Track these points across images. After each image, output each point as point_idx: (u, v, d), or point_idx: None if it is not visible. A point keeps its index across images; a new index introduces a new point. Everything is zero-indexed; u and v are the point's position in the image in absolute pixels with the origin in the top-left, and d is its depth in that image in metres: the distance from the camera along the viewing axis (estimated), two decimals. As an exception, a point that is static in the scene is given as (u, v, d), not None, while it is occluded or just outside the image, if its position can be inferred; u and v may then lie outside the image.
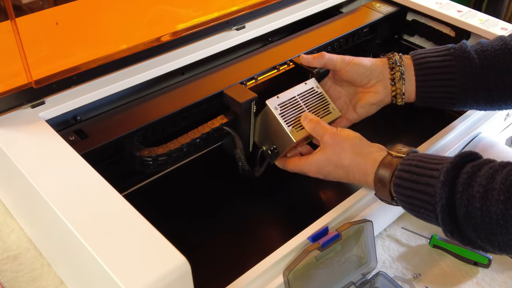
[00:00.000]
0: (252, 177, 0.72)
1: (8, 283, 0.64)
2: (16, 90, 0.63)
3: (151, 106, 0.68)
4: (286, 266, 0.56)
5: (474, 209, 0.48)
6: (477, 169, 0.50)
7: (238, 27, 0.84)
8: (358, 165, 0.61)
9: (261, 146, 0.71)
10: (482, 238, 0.49)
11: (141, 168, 0.64)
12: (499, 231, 0.47)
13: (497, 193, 0.47)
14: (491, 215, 0.47)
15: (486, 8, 1.96)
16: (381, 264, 0.68)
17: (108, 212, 0.49)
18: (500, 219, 0.46)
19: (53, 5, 0.66)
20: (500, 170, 0.48)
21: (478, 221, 0.48)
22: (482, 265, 0.68)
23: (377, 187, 0.59)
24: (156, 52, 0.75)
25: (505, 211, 0.46)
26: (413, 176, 0.54)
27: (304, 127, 0.67)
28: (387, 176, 0.57)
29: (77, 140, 0.62)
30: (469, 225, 0.49)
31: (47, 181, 0.53)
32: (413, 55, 0.71)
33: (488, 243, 0.49)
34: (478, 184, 0.48)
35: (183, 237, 0.52)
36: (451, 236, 0.52)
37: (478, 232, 0.49)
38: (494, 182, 0.47)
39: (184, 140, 0.66)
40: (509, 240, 0.47)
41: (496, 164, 0.49)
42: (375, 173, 0.59)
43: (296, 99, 0.70)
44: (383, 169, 0.58)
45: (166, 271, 0.44)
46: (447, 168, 0.51)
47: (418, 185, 0.53)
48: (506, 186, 0.46)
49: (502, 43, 0.67)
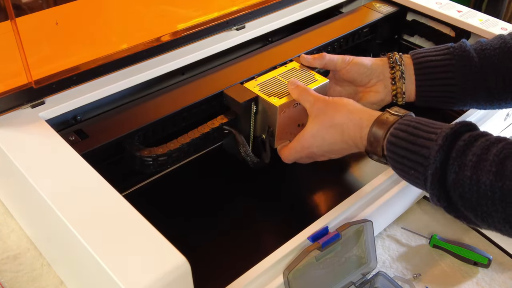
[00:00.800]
0: (264, 166, 0.71)
1: (8, 283, 0.64)
2: (16, 90, 0.63)
3: (151, 106, 0.68)
4: (286, 266, 0.56)
5: (464, 177, 0.48)
6: (474, 138, 0.50)
7: (238, 27, 0.84)
8: (353, 120, 0.60)
9: (260, 135, 0.71)
10: (467, 206, 0.49)
11: (141, 168, 0.64)
12: (484, 201, 0.47)
13: (489, 164, 0.47)
14: (480, 184, 0.47)
15: (486, 8, 1.96)
16: (381, 264, 0.68)
17: (108, 212, 0.49)
18: (488, 190, 0.46)
19: (53, 5, 0.66)
20: (496, 143, 0.48)
21: (466, 189, 0.48)
22: (482, 265, 0.68)
23: (369, 142, 0.58)
24: (156, 52, 0.75)
25: (494, 182, 0.46)
26: (409, 137, 0.53)
27: (290, 93, 0.67)
28: (382, 133, 0.57)
29: (77, 140, 0.62)
30: (455, 192, 0.49)
31: (47, 181, 0.53)
32: (412, 54, 0.72)
33: (472, 212, 0.49)
34: (472, 153, 0.48)
35: (183, 237, 0.52)
36: (437, 201, 0.52)
37: (464, 200, 0.49)
38: (488, 154, 0.47)
39: (184, 140, 0.66)
40: (492, 211, 0.47)
41: (493, 137, 0.50)
42: (370, 127, 0.58)
43: (276, 78, 0.71)
44: (378, 124, 0.57)
45: (166, 271, 0.44)
46: (446, 133, 0.51)
47: (413, 146, 0.53)
48: (499, 159, 0.46)
49: (501, 41, 0.68)
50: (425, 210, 0.77)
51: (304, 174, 0.77)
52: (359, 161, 0.79)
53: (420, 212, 0.76)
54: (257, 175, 0.72)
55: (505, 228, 0.47)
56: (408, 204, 0.75)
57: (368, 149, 0.59)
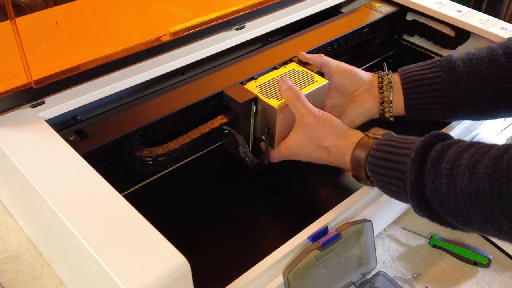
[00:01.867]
0: (263, 167, 0.71)
1: (8, 283, 0.64)
2: (16, 90, 0.63)
3: (151, 106, 0.68)
4: (286, 266, 0.56)
5: (441, 185, 0.50)
6: (446, 147, 0.52)
7: (238, 27, 0.84)
8: (338, 146, 0.63)
9: (259, 137, 0.72)
10: (448, 213, 0.51)
11: (141, 168, 0.64)
12: (463, 204, 0.49)
13: (462, 169, 0.49)
14: (456, 190, 0.49)
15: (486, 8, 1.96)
16: (381, 264, 0.68)
17: (108, 212, 0.49)
18: (464, 193, 0.48)
19: (53, 5, 0.66)
20: (468, 148, 0.50)
21: (444, 196, 0.50)
22: (482, 265, 0.68)
23: (353, 167, 0.61)
24: (156, 52, 0.75)
25: (469, 185, 0.48)
26: (386, 155, 0.56)
27: (281, 92, 0.67)
28: (362, 156, 0.60)
29: (77, 140, 0.62)
30: (435, 200, 0.51)
31: (47, 181, 0.53)
32: (400, 71, 0.72)
33: (454, 217, 0.51)
34: (446, 161, 0.50)
35: (183, 237, 0.52)
36: (419, 212, 0.54)
37: (444, 207, 0.51)
38: (461, 159, 0.49)
39: (184, 140, 0.66)
40: (472, 214, 0.48)
41: (465, 144, 0.51)
42: (352, 154, 0.61)
43: (276, 79, 0.71)
44: (359, 149, 0.60)
45: (166, 271, 0.44)
46: (418, 146, 0.53)
47: (390, 163, 0.55)
48: (471, 163, 0.48)
49: (489, 51, 0.67)
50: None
51: (304, 174, 0.77)
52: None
53: (420, 212, 0.77)
54: (257, 175, 0.72)
55: (487, 228, 0.49)
56: (408, 204, 0.75)
57: (353, 174, 0.63)
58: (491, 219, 0.47)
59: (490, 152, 0.48)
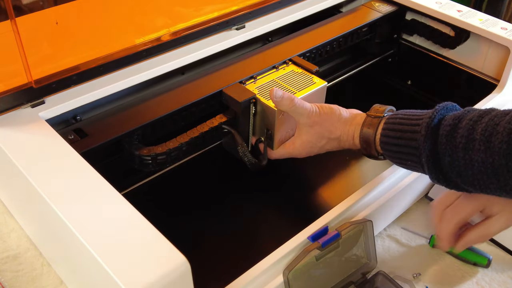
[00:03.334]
0: (261, 168, 0.71)
1: (8, 283, 0.64)
2: (16, 89, 0.63)
3: (150, 105, 0.68)
4: (286, 266, 0.56)
5: (458, 158, 0.53)
6: (458, 120, 0.54)
7: (238, 27, 0.84)
8: (347, 132, 0.65)
9: (258, 137, 0.72)
10: (466, 182, 0.54)
11: (141, 167, 0.64)
12: (480, 176, 0.52)
13: (478, 143, 0.51)
14: (473, 162, 0.52)
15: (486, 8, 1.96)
16: (381, 264, 0.68)
17: (108, 211, 0.49)
18: (481, 166, 0.51)
19: (53, 5, 0.66)
20: (479, 120, 0.53)
21: (462, 168, 0.53)
22: (481, 266, 0.68)
23: (363, 147, 0.64)
24: (156, 52, 0.75)
25: (485, 159, 0.51)
26: (397, 133, 0.59)
27: (277, 105, 0.66)
28: (371, 134, 0.62)
29: (76, 139, 0.62)
30: (453, 172, 0.54)
31: (46, 180, 0.53)
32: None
33: (471, 186, 0.54)
34: (460, 135, 0.53)
35: (182, 236, 0.52)
36: (438, 182, 0.57)
37: (462, 177, 0.54)
38: (475, 133, 0.52)
39: (183, 139, 0.66)
40: (489, 184, 0.52)
41: (476, 115, 0.53)
42: (359, 136, 0.64)
43: (275, 80, 0.71)
44: (366, 129, 0.63)
45: (166, 271, 0.44)
46: (427, 123, 0.56)
47: (402, 141, 0.58)
48: (485, 137, 0.51)
49: None
50: (425, 210, 0.77)
51: (304, 174, 0.77)
52: (359, 161, 0.79)
53: (420, 212, 0.76)
54: (257, 174, 0.72)
55: (503, 195, 0.52)
56: (408, 204, 0.75)
57: (364, 153, 0.65)
58: (507, 188, 0.50)
59: (503, 125, 0.50)
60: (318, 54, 0.84)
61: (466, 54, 0.90)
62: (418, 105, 0.82)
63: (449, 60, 0.93)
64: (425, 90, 0.97)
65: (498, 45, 0.84)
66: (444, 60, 0.93)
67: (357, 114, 0.66)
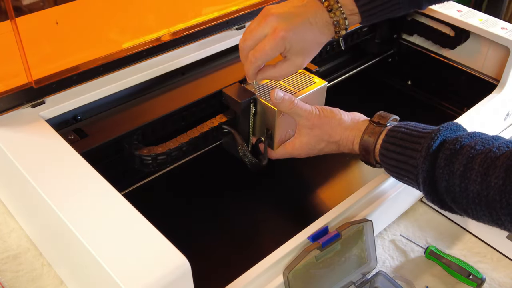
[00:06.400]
0: (262, 168, 0.71)
1: (8, 283, 0.64)
2: (16, 89, 0.63)
3: (150, 105, 0.69)
4: (286, 266, 0.56)
5: (454, 185, 0.52)
6: (459, 146, 0.53)
7: (238, 27, 0.84)
8: (347, 137, 0.65)
9: (259, 137, 0.72)
10: (459, 208, 0.54)
11: (141, 167, 0.64)
12: (473, 206, 0.51)
13: (475, 174, 0.51)
14: (468, 192, 0.51)
15: (486, 8, 1.96)
16: (381, 263, 0.68)
17: (108, 211, 0.49)
18: (476, 197, 0.51)
19: (53, 5, 0.66)
20: (480, 149, 0.52)
21: (457, 195, 0.53)
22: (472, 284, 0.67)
23: (362, 154, 0.64)
24: (156, 52, 0.75)
25: (480, 191, 0.50)
26: (397, 148, 0.58)
27: (277, 107, 0.66)
28: (371, 143, 0.62)
29: (76, 139, 0.62)
30: (448, 197, 0.54)
31: (46, 180, 0.53)
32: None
33: (464, 213, 0.54)
34: (459, 162, 0.52)
35: (183, 237, 0.52)
36: (432, 203, 0.57)
37: (456, 203, 0.53)
38: (473, 163, 0.51)
39: (183, 139, 0.66)
40: (482, 215, 0.51)
41: (478, 142, 0.53)
42: (359, 142, 0.63)
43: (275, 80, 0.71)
44: (367, 137, 0.63)
45: (166, 271, 0.44)
46: (429, 144, 0.55)
47: (402, 157, 0.58)
48: (483, 169, 0.50)
49: None
50: (425, 210, 0.77)
51: (304, 174, 0.77)
52: (359, 162, 0.79)
53: (419, 213, 0.76)
54: (257, 174, 0.72)
55: (494, 226, 0.52)
56: (408, 204, 0.75)
57: (362, 159, 0.65)
58: (498, 222, 0.50)
59: (502, 159, 0.49)
60: (318, 54, 0.84)
61: (466, 54, 0.90)
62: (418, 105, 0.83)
63: (449, 60, 0.93)
64: (425, 90, 0.97)
65: (498, 45, 0.84)
66: (444, 60, 0.93)
67: (359, 119, 0.66)
